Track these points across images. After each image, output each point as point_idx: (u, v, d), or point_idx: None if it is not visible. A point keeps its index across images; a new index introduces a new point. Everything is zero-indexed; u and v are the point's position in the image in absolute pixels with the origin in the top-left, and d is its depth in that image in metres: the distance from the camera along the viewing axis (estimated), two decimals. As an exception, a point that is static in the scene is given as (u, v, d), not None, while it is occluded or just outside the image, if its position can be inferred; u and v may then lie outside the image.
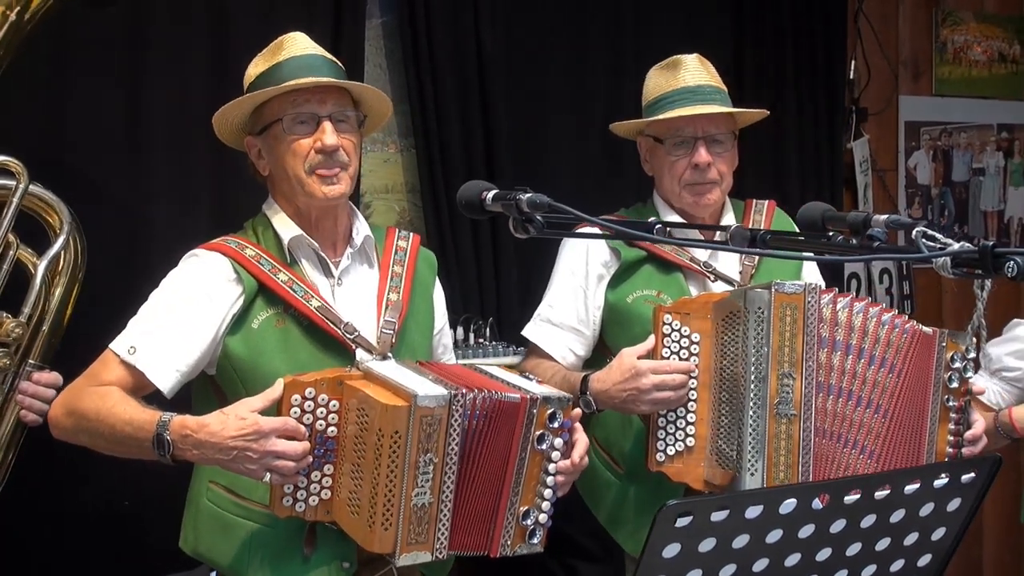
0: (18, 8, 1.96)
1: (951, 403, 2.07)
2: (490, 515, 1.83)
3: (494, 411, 1.81)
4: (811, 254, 1.64)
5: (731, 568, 1.31)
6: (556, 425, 1.84)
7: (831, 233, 1.50)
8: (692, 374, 2.07)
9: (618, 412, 2.17)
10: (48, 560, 2.61)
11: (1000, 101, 4.20)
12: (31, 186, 2.05)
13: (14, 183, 2.02)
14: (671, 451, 2.09)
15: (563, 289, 2.33)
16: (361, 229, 2.06)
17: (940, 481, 1.39)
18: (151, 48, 2.77)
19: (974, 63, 4.15)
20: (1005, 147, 4.22)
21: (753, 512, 1.27)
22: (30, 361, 2.07)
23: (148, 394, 1.90)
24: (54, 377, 2.08)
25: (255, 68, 2.02)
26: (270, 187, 2.05)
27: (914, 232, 1.20)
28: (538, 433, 1.82)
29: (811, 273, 2.39)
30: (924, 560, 1.47)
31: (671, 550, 1.25)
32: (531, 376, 1.94)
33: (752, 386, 1.99)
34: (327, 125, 1.93)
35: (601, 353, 2.31)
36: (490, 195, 1.45)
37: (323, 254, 2.00)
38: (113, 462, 2.65)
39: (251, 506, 1.90)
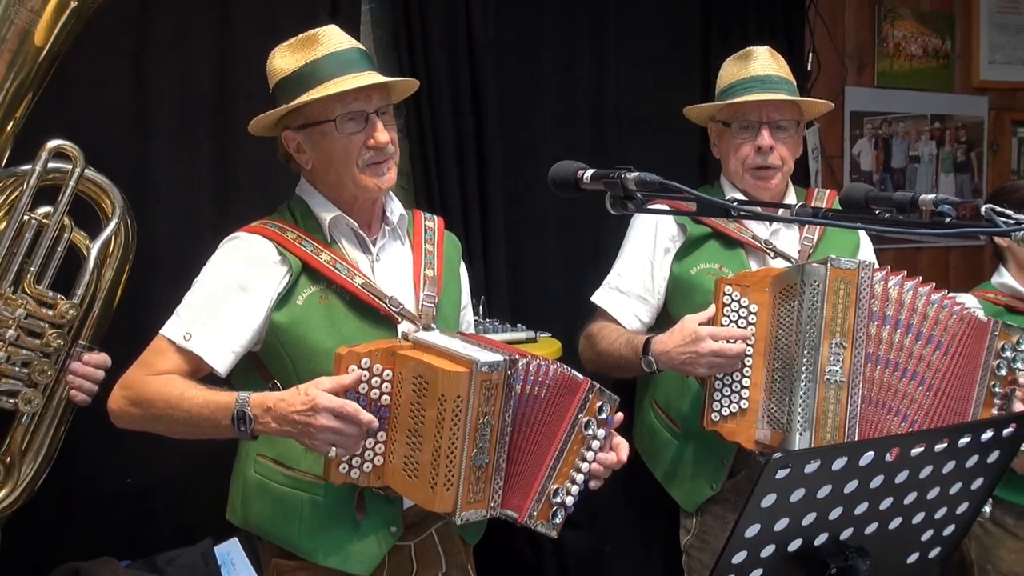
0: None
1: (997, 389, 2.15)
2: (530, 480, 1.87)
3: (558, 382, 1.87)
4: (893, 229, 1.71)
5: (812, 516, 1.40)
6: (603, 417, 1.90)
7: (876, 212, 1.58)
8: (748, 342, 2.13)
9: (676, 373, 2.23)
10: (56, 534, 2.60)
11: (933, 93, 4.39)
12: (85, 170, 2.03)
13: (70, 167, 2.00)
14: (726, 412, 2.15)
15: (632, 260, 2.40)
16: (395, 209, 2.10)
17: (986, 435, 1.50)
18: (155, 32, 2.76)
19: (911, 57, 4.34)
20: (938, 136, 4.42)
21: (839, 464, 1.36)
22: (80, 342, 2.06)
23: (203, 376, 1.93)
24: (103, 358, 2.09)
25: (285, 62, 1.97)
26: (308, 176, 2.05)
27: (983, 209, 1.31)
28: (586, 419, 1.88)
29: (867, 254, 2.48)
30: (961, 508, 1.58)
31: (768, 500, 1.34)
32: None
33: (805, 353, 2.04)
34: (378, 122, 1.94)
35: (664, 321, 2.37)
36: (588, 174, 1.49)
37: (361, 232, 2.03)
38: (115, 442, 2.69)
39: (300, 476, 1.93)
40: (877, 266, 2.11)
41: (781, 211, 2.18)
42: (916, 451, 1.44)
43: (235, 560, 2.75)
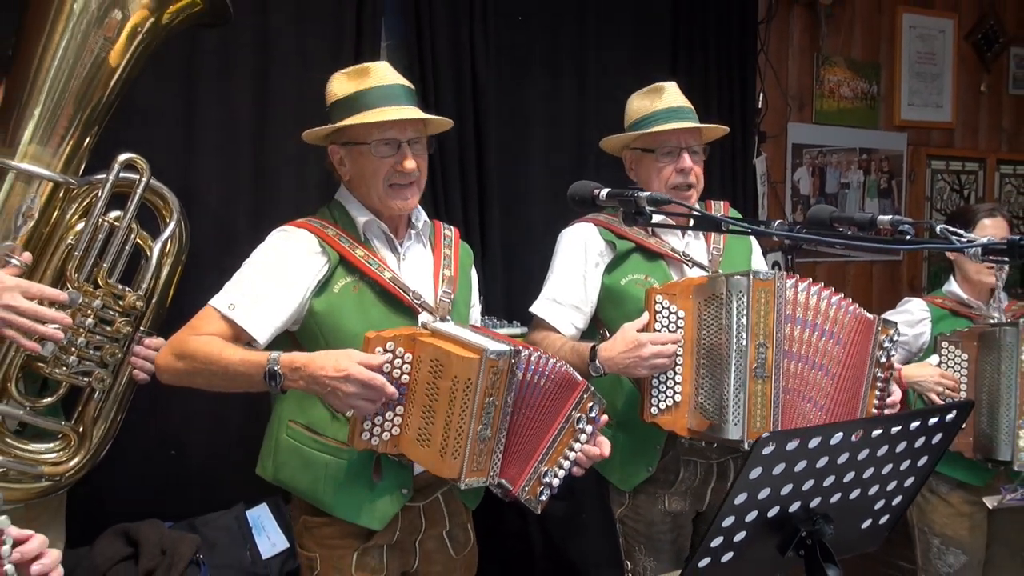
0: (151, 22, 1.93)
1: (879, 375, 2.17)
2: (526, 458, 1.88)
3: (560, 376, 1.89)
4: (853, 242, 1.70)
5: (789, 487, 1.43)
6: (592, 415, 1.92)
7: (840, 229, 1.60)
8: (679, 344, 2.12)
9: (620, 375, 2.21)
10: (109, 499, 2.59)
11: (861, 129, 4.45)
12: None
13: (138, 176, 1.98)
14: (662, 406, 2.14)
15: (566, 273, 2.36)
16: (420, 216, 2.11)
17: (933, 419, 1.54)
18: (203, 62, 2.75)
19: (843, 98, 4.41)
20: (864, 166, 4.49)
21: (814, 442, 1.39)
22: (142, 328, 2.05)
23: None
24: (161, 342, 2.06)
25: (340, 87, 2.00)
26: (347, 185, 2.06)
27: (938, 228, 1.34)
28: (579, 415, 1.90)
29: (758, 259, 2.49)
30: (908, 481, 1.61)
31: (755, 472, 1.36)
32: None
33: (735, 354, 2.04)
34: (408, 151, 1.96)
35: (595, 327, 2.36)
36: (603, 192, 1.50)
37: (390, 235, 2.04)
38: (161, 419, 2.67)
39: (326, 441, 1.93)
40: (786, 274, 2.13)
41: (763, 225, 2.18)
42: (876, 432, 1.47)
43: (264, 523, 2.74)
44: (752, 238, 2.47)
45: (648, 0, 3.60)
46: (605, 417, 1.95)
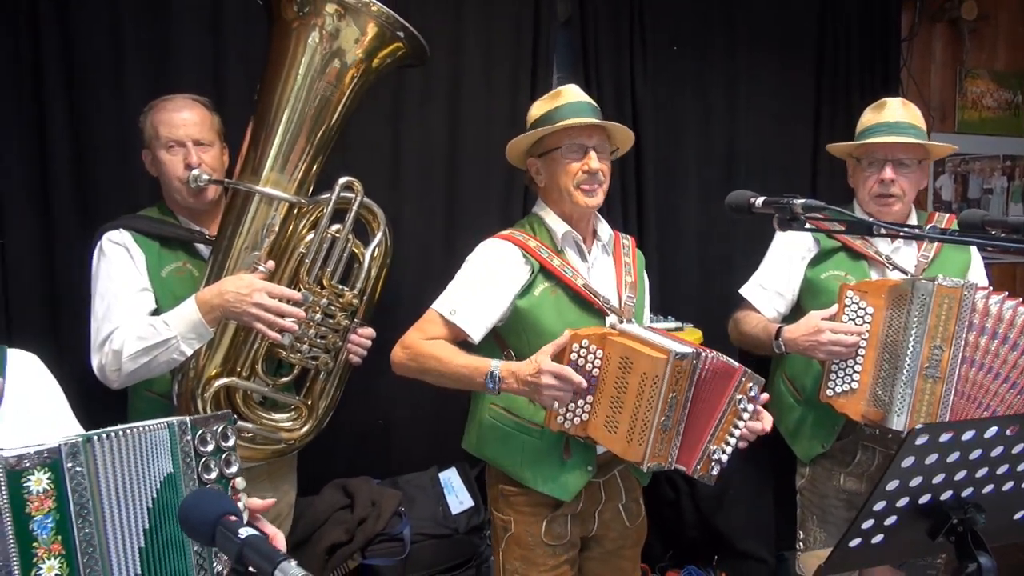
0: (364, 66, 2.00)
1: None
2: (696, 441, 1.83)
3: (721, 369, 1.82)
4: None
5: (941, 476, 1.31)
6: (752, 395, 1.84)
7: (992, 232, 1.44)
8: (863, 336, 2.04)
9: (801, 355, 2.16)
10: (330, 459, 2.68)
11: (1005, 137, 4.03)
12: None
13: (353, 195, 2.06)
14: (839, 389, 2.07)
15: (774, 264, 2.33)
16: (605, 229, 2.10)
17: (1091, 418, 1.36)
18: (406, 98, 2.83)
19: (986, 108, 4.01)
20: (1008, 172, 4.06)
21: (968, 435, 1.26)
22: (356, 320, 2.12)
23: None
24: (371, 332, 2.14)
25: (538, 109, 2.02)
26: (542, 195, 2.06)
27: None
28: (739, 396, 1.83)
29: (976, 272, 2.30)
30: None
31: (908, 461, 1.25)
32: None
33: (909, 351, 1.94)
34: (593, 153, 1.95)
35: (796, 314, 2.28)
36: (759, 200, 1.43)
37: (583, 245, 2.03)
38: (372, 395, 2.76)
39: (523, 423, 1.95)
40: (980, 285, 1.97)
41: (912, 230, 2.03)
42: (1031, 428, 1.31)
43: (453, 483, 2.79)
44: (974, 250, 2.30)
45: (793, 24, 3.40)
46: (765, 396, 1.87)
